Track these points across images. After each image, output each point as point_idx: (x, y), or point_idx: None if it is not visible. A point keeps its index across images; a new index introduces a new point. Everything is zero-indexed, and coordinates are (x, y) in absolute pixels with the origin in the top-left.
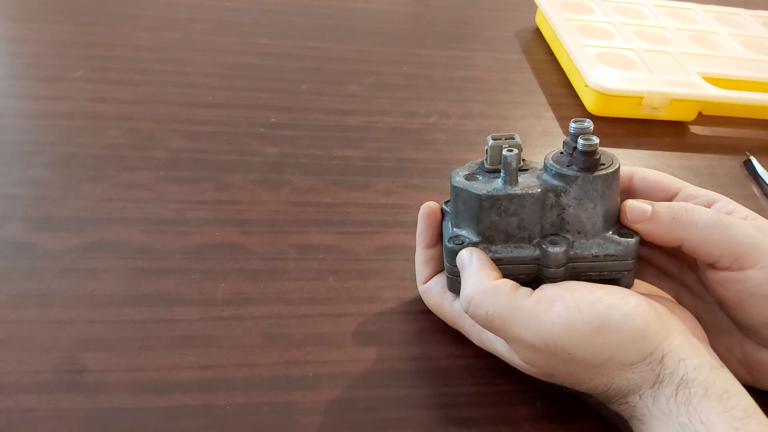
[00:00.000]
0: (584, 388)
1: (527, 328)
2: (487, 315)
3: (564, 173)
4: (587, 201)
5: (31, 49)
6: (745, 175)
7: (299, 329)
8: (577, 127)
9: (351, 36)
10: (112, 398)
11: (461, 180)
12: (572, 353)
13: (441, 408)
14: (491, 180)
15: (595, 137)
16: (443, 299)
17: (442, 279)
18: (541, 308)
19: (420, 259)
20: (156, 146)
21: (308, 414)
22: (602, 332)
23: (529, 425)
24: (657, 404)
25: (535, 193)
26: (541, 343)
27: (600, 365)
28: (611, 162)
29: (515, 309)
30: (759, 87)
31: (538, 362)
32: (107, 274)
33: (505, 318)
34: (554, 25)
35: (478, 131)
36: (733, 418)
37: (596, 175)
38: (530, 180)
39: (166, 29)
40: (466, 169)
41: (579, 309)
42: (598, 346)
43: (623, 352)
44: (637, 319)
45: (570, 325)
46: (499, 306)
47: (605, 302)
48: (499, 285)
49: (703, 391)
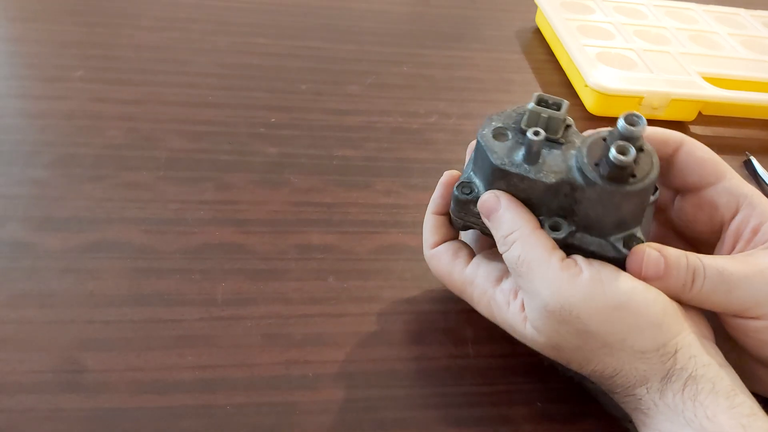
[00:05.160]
0: (591, 368)
1: (549, 285)
2: (518, 259)
3: (586, 174)
4: (601, 207)
5: (31, 49)
6: (745, 175)
7: (299, 329)
8: (624, 128)
9: (351, 36)
10: (112, 398)
11: (487, 135)
12: (586, 324)
13: (441, 408)
14: (517, 145)
15: (632, 150)
16: (453, 265)
17: (452, 246)
18: (569, 272)
19: (431, 224)
20: (156, 146)
21: (308, 414)
22: (621, 310)
23: (529, 425)
24: (664, 399)
25: (549, 182)
26: (557, 304)
27: (611, 344)
28: (647, 173)
29: (546, 263)
30: (759, 87)
31: (547, 328)
32: (107, 274)
33: (533, 267)
34: (554, 25)
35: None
36: (739, 414)
37: (617, 190)
38: (556, 160)
39: (166, 29)
40: (502, 118)
41: (603, 283)
42: (615, 323)
43: (637, 336)
44: (656, 307)
45: (591, 295)
46: (534, 255)
47: (630, 284)
48: (541, 234)
49: (710, 387)
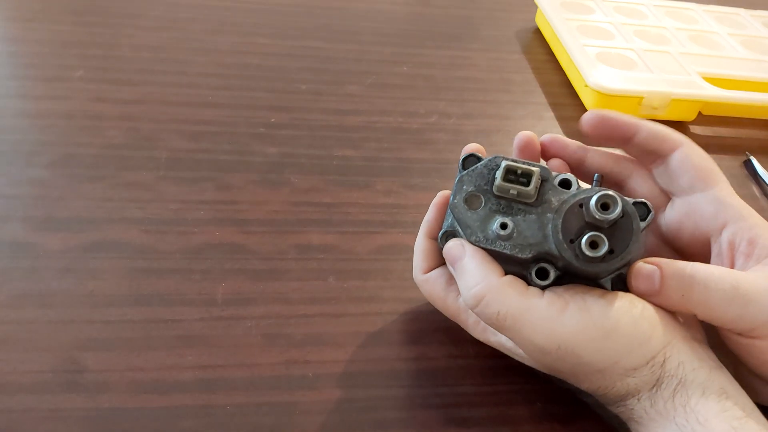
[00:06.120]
0: (584, 387)
1: (540, 330)
2: (498, 315)
3: (561, 253)
4: (583, 271)
5: (31, 49)
6: (745, 175)
7: (299, 329)
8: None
9: (351, 36)
10: (112, 398)
11: (459, 204)
12: (581, 357)
13: (441, 408)
14: (491, 213)
15: (605, 245)
16: (447, 292)
17: (445, 271)
18: (555, 310)
19: (423, 247)
20: (156, 146)
21: (308, 414)
22: (612, 336)
23: (529, 425)
24: (655, 407)
25: (525, 257)
26: (553, 346)
27: (604, 369)
28: (626, 245)
29: (528, 309)
30: (759, 87)
31: (544, 362)
32: (107, 274)
33: (518, 318)
34: (554, 25)
35: (478, 131)
36: (731, 417)
37: (596, 267)
38: (532, 228)
39: (166, 29)
40: (473, 179)
41: (591, 312)
42: (607, 351)
43: (629, 356)
44: (644, 324)
45: (583, 328)
46: (513, 306)
47: (615, 306)
48: (511, 282)
49: (700, 392)
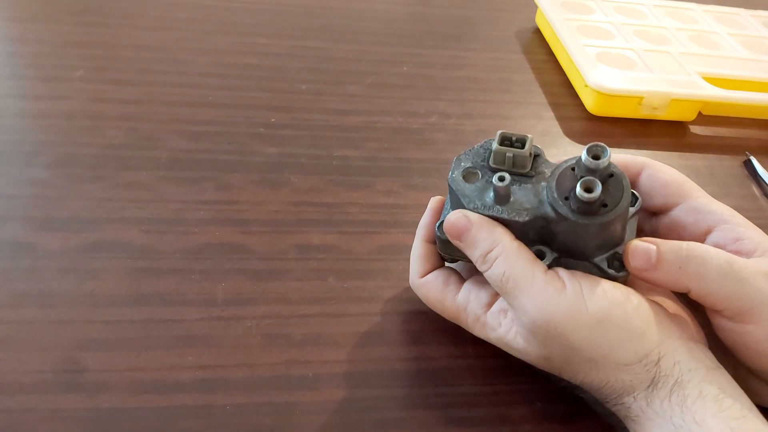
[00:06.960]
0: (580, 379)
1: (535, 302)
2: (503, 276)
3: (557, 209)
4: (578, 236)
5: (31, 49)
6: (745, 175)
7: (299, 329)
8: (587, 161)
9: (351, 36)
10: (112, 398)
11: (457, 178)
12: (571, 340)
13: (441, 408)
14: (488, 184)
15: (598, 187)
16: (445, 293)
17: (441, 274)
18: (553, 287)
19: (420, 252)
20: (156, 146)
21: (308, 414)
22: (603, 325)
23: (529, 425)
24: (651, 406)
25: (522, 221)
26: (543, 321)
27: (596, 359)
28: (618, 200)
29: (530, 278)
30: (759, 87)
31: (537, 341)
32: (107, 274)
33: (519, 284)
34: (554, 25)
35: (478, 131)
36: (728, 417)
37: (591, 222)
38: (528, 195)
39: (166, 29)
40: (470, 157)
41: (585, 298)
42: (597, 339)
43: (620, 350)
44: (637, 320)
45: (574, 312)
46: (518, 270)
47: (609, 296)
48: (524, 249)
49: (697, 392)
